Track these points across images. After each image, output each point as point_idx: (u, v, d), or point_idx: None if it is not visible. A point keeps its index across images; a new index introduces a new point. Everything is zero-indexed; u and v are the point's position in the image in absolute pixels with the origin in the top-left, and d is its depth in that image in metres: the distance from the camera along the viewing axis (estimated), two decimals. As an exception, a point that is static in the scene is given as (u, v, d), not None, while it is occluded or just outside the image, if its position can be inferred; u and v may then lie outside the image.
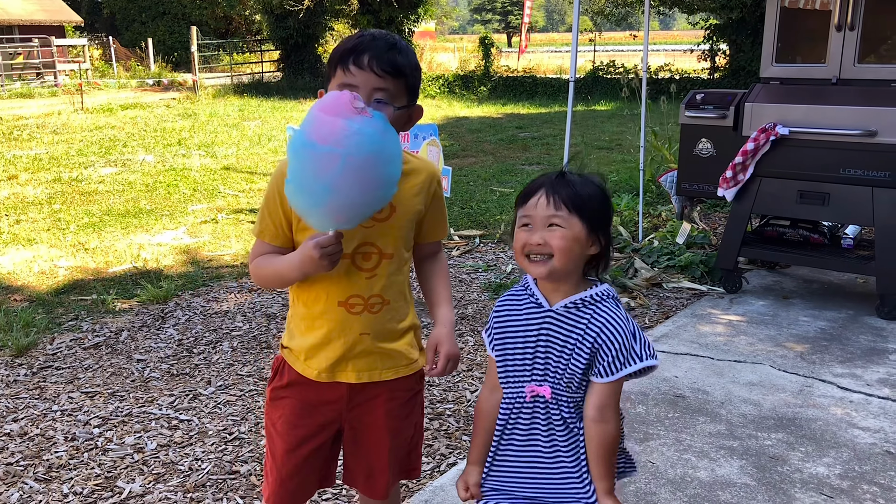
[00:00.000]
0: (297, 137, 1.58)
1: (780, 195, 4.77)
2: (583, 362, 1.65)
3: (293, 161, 1.60)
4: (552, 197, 1.64)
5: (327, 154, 1.53)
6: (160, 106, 18.69)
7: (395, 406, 1.91)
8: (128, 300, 5.02)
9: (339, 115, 1.54)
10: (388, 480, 1.95)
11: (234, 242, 6.43)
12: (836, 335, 4.30)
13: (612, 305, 1.67)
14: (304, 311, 1.85)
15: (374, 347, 1.84)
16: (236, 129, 14.42)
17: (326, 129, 1.54)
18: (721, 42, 20.10)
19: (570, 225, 1.63)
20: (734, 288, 5.02)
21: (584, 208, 1.65)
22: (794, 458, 3.03)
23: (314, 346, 1.83)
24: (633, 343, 1.64)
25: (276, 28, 23.28)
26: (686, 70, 21.20)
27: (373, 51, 1.69)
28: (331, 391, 1.87)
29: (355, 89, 1.67)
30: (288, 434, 1.89)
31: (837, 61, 4.72)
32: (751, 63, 18.74)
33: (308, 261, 1.67)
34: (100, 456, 3.11)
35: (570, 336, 1.66)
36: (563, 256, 1.63)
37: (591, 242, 1.67)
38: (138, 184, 9.01)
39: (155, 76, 25.46)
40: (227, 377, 3.87)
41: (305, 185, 1.58)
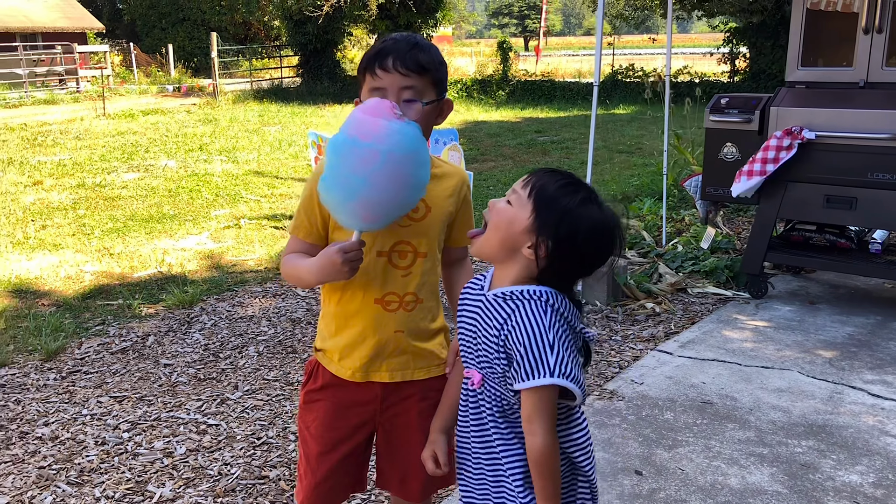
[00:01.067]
0: (337, 136, 1.64)
1: (807, 199, 4.73)
2: (491, 355, 1.56)
3: (332, 157, 1.63)
4: (530, 178, 1.58)
5: (369, 149, 1.58)
6: (181, 111, 18.83)
7: (427, 406, 1.93)
8: (153, 305, 5.06)
9: (382, 117, 1.60)
10: (423, 483, 1.96)
11: (257, 247, 6.46)
12: (864, 341, 4.26)
13: (538, 308, 1.52)
14: (337, 309, 1.87)
15: (407, 346, 1.87)
16: (257, 134, 14.50)
17: (369, 127, 1.60)
18: (741, 45, 19.98)
19: (519, 206, 1.55)
20: (760, 293, 4.99)
21: (543, 205, 1.53)
22: (825, 465, 3.00)
23: (348, 344, 1.85)
24: (545, 354, 1.48)
25: (295, 34, 23.40)
26: (706, 73, 21.11)
27: (396, 52, 1.74)
28: (365, 391, 1.89)
29: (384, 92, 1.73)
30: (322, 436, 1.91)
31: (865, 64, 4.68)
32: (771, 66, 18.63)
33: (329, 265, 1.69)
34: (130, 460, 3.13)
35: (491, 325, 1.57)
36: (491, 232, 1.58)
37: (529, 242, 1.53)
38: (161, 189, 9.07)
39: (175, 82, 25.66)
40: (253, 382, 3.88)
41: (343, 179, 1.62)
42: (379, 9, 22.59)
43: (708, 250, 5.71)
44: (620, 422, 3.37)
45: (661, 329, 4.53)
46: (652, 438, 3.21)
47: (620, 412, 3.46)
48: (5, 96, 21.37)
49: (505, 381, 1.57)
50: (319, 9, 21.37)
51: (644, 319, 4.67)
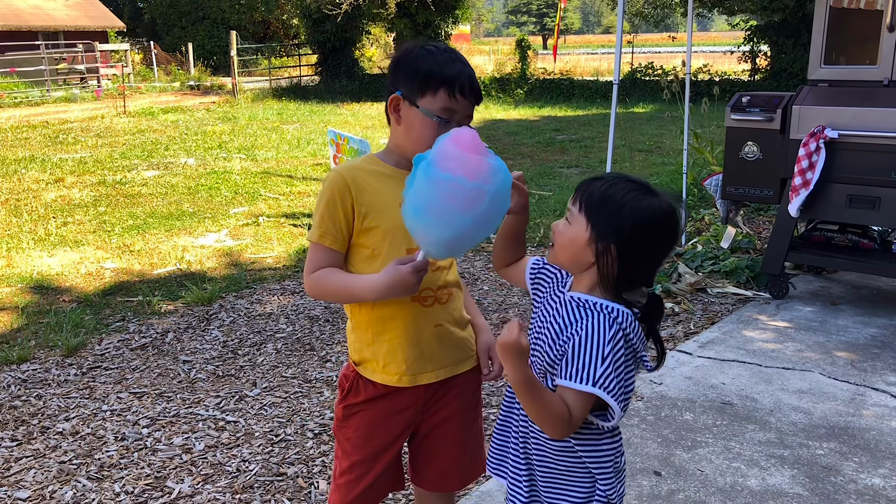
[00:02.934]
0: (434, 171, 1.57)
1: (829, 199, 4.68)
2: (552, 354, 1.58)
3: (431, 194, 1.57)
4: (578, 193, 1.62)
5: (476, 189, 1.55)
6: (200, 109, 18.95)
7: (466, 399, 1.96)
8: (173, 301, 5.08)
9: (481, 154, 1.58)
10: (463, 475, 2.01)
11: (275, 245, 6.48)
12: (887, 343, 4.20)
13: (603, 321, 1.54)
14: (372, 316, 1.84)
15: (448, 338, 1.88)
16: (275, 132, 14.55)
17: (474, 165, 1.56)
18: (762, 44, 19.80)
19: (576, 223, 1.59)
20: (781, 293, 4.94)
21: (595, 215, 1.56)
22: (847, 468, 2.97)
23: (390, 349, 1.84)
24: (595, 363, 1.50)
25: (314, 32, 23.46)
26: (726, 72, 20.94)
27: (469, 80, 1.79)
28: (409, 396, 1.88)
29: (454, 115, 1.78)
30: (365, 446, 1.90)
31: (889, 62, 4.62)
32: (792, 65, 18.45)
33: (401, 284, 1.68)
34: (149, 456, 3.15)
35: (557, 322, 1.61)
36: (559, 251, 1.63)
37: (593, 250, 1.56)
38: (180, 186, 9.13)
39: (195, 80, 25.81)
40: (271, 379, 3.90)
41: (446, 217, 1.58)
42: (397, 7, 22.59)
43: (728, 250, 5.67)
44: (639, 422, 3.34)
45: (680, 329, 4.50)
46: (671, 439, 3.19)
47: (639, 412, 3.43)
48: (28, 94, 21.58)
49: (541, 367, 1.61)
50: (338, 7, 21.42)
51: (663, 319, 4.63)
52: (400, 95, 1.80)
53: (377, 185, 1.82)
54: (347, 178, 1.80)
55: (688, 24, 5.89)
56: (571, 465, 1.65)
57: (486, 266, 5.87)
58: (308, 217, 7.46)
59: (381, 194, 1.81)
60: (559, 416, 1.51)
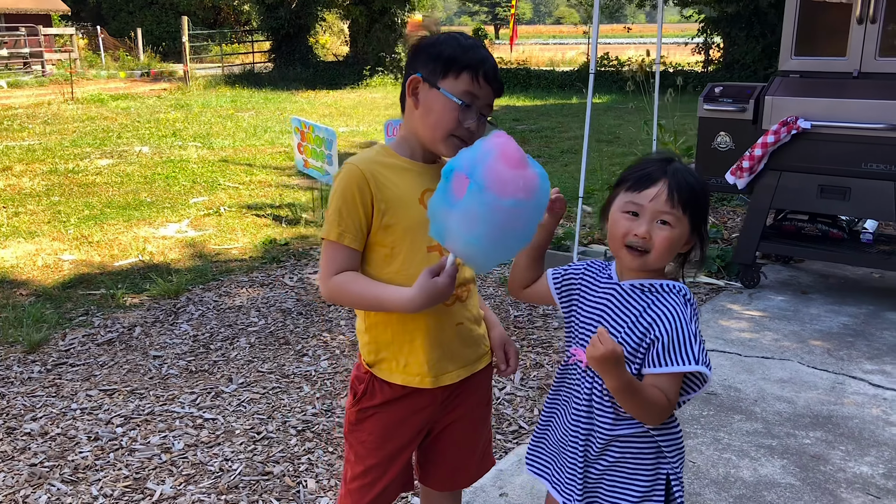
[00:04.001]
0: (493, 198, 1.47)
1: (801, 189, 4.73)
2: (632, 342, 1.59)
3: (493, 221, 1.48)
4: (674, 194, 1.58)
5: (534, 207, 1.53)
6: (151, 97, 18.48)
7: (480, 396, 1.92)
8: (137, 294, 4.92)
9: (528, 165, 1.52)
10: (473, 472, 1.97)
11: (240, 236, 6.33)
12: (860, 331, 4.27)
13: (679, 301, 1.60)
14: (390, 315, 1.75)
15: (468, 336, 1.82)
16: (231, 120, 14.27)
17: (527, 183, 1.50)
18: (715, 35, 20.07)
19: (679, 225, 1.59)
20: (752, 283, 4.99)
21: (695, 208, 1.60)
22: (835, 457, 2.99)
23: (413, 349, 1.76)
24: (690, 342, 1.55)
25: (267, 18, 23.04)
26: (680, 63, 21.19)
27: (493, 67, 1.73)
28: (428, 396, 1.81)
29: (475, 100, 1.70)
30: (380, 450, 1.83)
31: (858, 55, 4.68)
32: (745, 56, 18.75)
33: (437, 294, 1.60)
34: (126, 456, 3.02)
35: (625, 314, 1.63)
36: (661, 255, 1.60)
37: (688, 242, 1.63)
38: (136, 175, 8.87)
39: (144, 66, 25.17)
40: (247, 374, 3.79)
41: (508, 241, 1.54)
42: (353, -6, 22.33)
43: (698, 240, 5.69)
44: (626, 413, 3.33)
45: (656, 319, 4.50)
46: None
47: (625, 404, 3.42)
48: (-32, 79, 20.79)
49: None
50: (292, -7, 21.08)
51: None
52: (420, 77, 1.72)
53: (395, 180, 1.73)
54: (366, 172, 1.70)
55: (658, 15, 5.89)
56: (642, 449, 1.65)
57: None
58: (271, 207, 7.31)
59: (400, 189, 1.72)
60: (660, 404, 1.56)
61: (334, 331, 4.34)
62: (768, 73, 17.79)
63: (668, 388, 1.56)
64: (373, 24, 22.18)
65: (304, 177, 8.54)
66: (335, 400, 3.50)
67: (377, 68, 21.79)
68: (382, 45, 22.04)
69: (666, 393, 1.56)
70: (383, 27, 21.98)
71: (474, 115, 1.71)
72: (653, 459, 1.66)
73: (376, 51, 22.04)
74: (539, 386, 3.62)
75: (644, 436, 1.65)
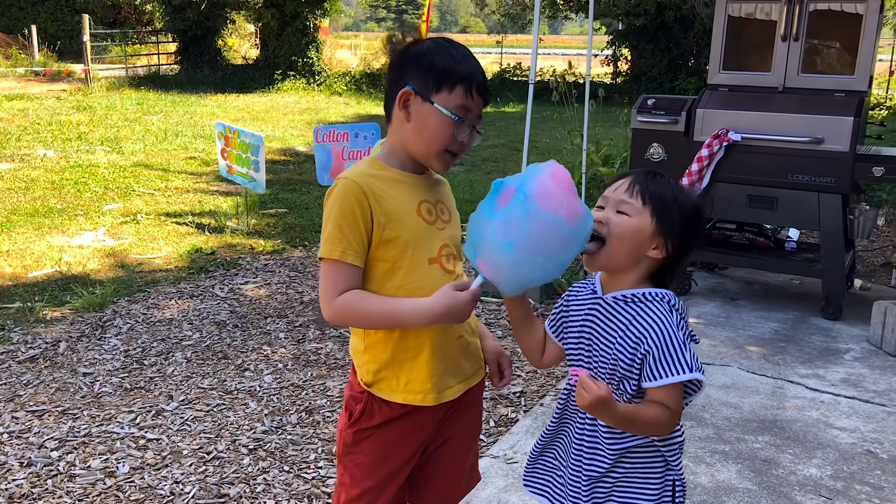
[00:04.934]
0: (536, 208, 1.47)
1: (731, 199, 4.89)
2: (626, 357, 1.59)
3: (530, 231, 1.47)
4: (634, 186, 1.62)
5: (573, 234, 1.51)
6: (50, 97, 17.58)
7: (473, 410, 1.89)
8: (59, 308, 4.64)
9: (575, 195, 1.50)
10: (464, 489, 1.93)
11: (162, 245, 6.07)
12: (790, 336, 4.43)
13: (664, 309, 1.60)
14: (398, 333, 1.69)
15: (466, 348, 1.78)
16: (138, 123, 13.73)
17: (573, 209, 1.49)
18: (623, 48, 20.66)
19: (637, 214, 1.60)
20: (684, 290, 5.12)
21: (660, 207, 1.60)
22: (784, 460, 3.08)
23: (416, 366, 1.70)
24: (681, 350, 1.55)
25: (174, 19, 22.32)
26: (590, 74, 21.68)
27: (483, 78, 1.70)
28: (430, 414, 1.75)
29: (469, 112, 1.68)
30: (377, 471, 1.76)
31: (783, 70, 4.87)
32: (652, 69, 19.36)
33: (457, 312, 1.57)
34: (66, 483, 2.83)
35: (612, 327, 1.62)
36: (617, 244, 1.60)
37: (655, 244, 1.61)
38: (42, 181, 8.41)
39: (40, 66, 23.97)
40: (188, 391, 3.62)
41: (539, 258, 1.50)
42: (263, -3, 21.90)
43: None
44: (581, 423, 3.34)
45: (597, 327, 4.56)
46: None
47: (579, 413, 3.43)
48: None
49: (623, 382, 1.59)
50: (200, -6, 20.51)
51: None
52: (412, 90, 1.67)
53: (391, 192, 1.67)
54: (363, 186, 1.63)
55: (588, 28, 6.00)
56: (651, 461, 1.65)
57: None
58: (194, 215, 7.05)
59: (398, 202, 1.67)
60: (662, 419, 1.56)
61: (274, 344, 4.20)
62: (674, 84, 18.45)
63: (670, 399, 1.57)
64: (284, 28, 21.81)
65: (223, 183, 8.29)
66: (284, 416, 3.38)
67: (289, 72, 21.42)
68: (294, 48, 21.69)
69: (668, 404, 1.57)
70: (295, 31, 21.64)
71: (468, 129, 1.68)
72: (661, 468, 1.67)
73: (288, 55, 21.68)
74: (492, 396, 3.60)
75: (650, 447, 1.65)
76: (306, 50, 21.80)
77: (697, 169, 4.77)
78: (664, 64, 18.90)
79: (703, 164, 4.76)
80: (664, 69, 18.82)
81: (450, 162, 1.71)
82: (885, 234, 6.87)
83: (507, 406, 3.52)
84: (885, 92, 17.13)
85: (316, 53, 22.13)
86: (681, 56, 19.24)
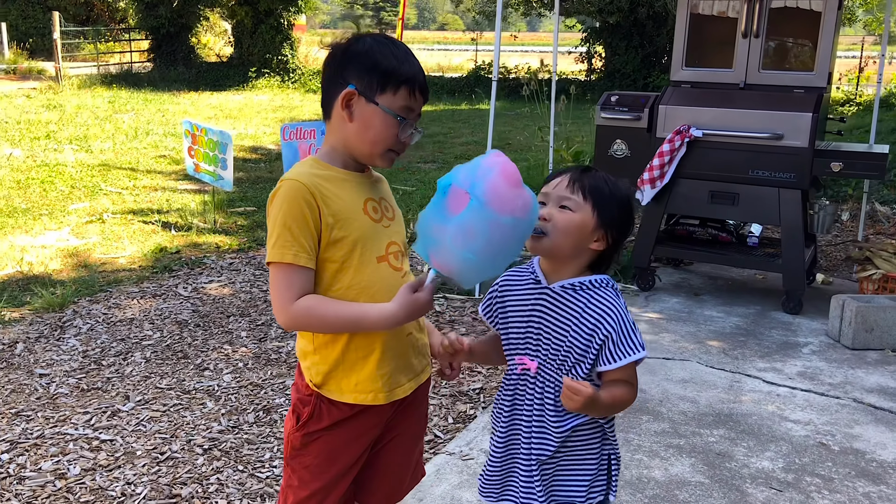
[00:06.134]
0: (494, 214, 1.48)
1: (693, 195, 4.92)
2: (580, 343, 1.65)
3: (491, 237, 1.49)
4: (574, 182, 1.69)
5: (528, 226, 1.56)
6: (19, 96, 17.37)
7: (419, 408, 1.90)
8: (17, 308, 4.59)
9: (523, 186, 1.53)
10: (407, 485, 1.94)
11: (127, 244, 6.02)
12: (750, 330, 4.47)
13: (612, 294, 1.69)
14: (342, 334, 1.69)
15: (416, 346, 1.79)
16: (109, 121, 13.59)
17: (525, 203, 1.52)
18: (597, 45, 20.74)
19: (580, 210, 1.67)
20: (648, 286, 5.15)
21: (602, 202, 1.68)
22: (738, 453, 3.11)
23: (366, 366, 1.70)
24: (633, 332, 1.66)
25: (147, 17, 22.13)
26: (563, 71, 21.74)
27: (424, 77, 1.72)
28: (379, 413, 1.75)
29: (411, 112, 1.70)
30: (326, 472, 1.75)
31: (744, 67, 4.92)
32: (625, 66, 19.46)
33: (416, 309, 1.59)
34: (15, 485, 2.80)
35: (565, 316, 1.69)
36: (561, 237, 1.66)
37: (597, 237, 1.69)
38: (7, 180, 8.30)
39: (10, 64, 23.66)
40: (145, 391, 3.59)
41: (500, 258, 1.54)
42: (237, -6, 21.77)
43: (594, 244, 5.84)
44: (539, 418, 3.35)
45: (560, 323, 4.57)
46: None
47: (537, 409, 3.44)
48: None
49: (576, 366, 1.66)
50: (173, -9, 20.34)
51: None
52: (355, 90, 1.66)
53: (337, 192, 1.66)
54: (310, 186, 1.62)
55: (554, 25, 6.01)
56: (590, 435, 1.74)
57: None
58: (159, 213, 6.99)
59: (344, 201, 1.66)
60: (630, 394, 1.68)
61: (235, 343, 4.18)
62: (647, 81, 18.55)
63: (631, 376, 1.69)
64: (258, 25, 21.68)
65: (193, 181, 8.23)
66: (242, 416, 3.37)
67: (263, 70, 21.31)
68: (269, 46, 21.57)
69: (630, 380, 1.68)
70: (269, 28, 21.52)
71: (410, 129, 1.70)
72: (598, 443, 1.75)
73: (262, 52, 21.56)
74: (451, 393, 3.60)
75: (592, 423, 1.73)
76: (280, 47, 21.71)
77: (658, 164, 4.80)
78: (637, 61, 19.00)
79: (663, 160, 4.79)
80: (637, 66, 18.92)
81: (393, 159, 1.73)
82: (848, 229, 6.95)
83: (466, 403, 3.52)
84: (855, 88, 17.32)
85: (290, 51, 22.04)
86: (654, 53, 19.35)
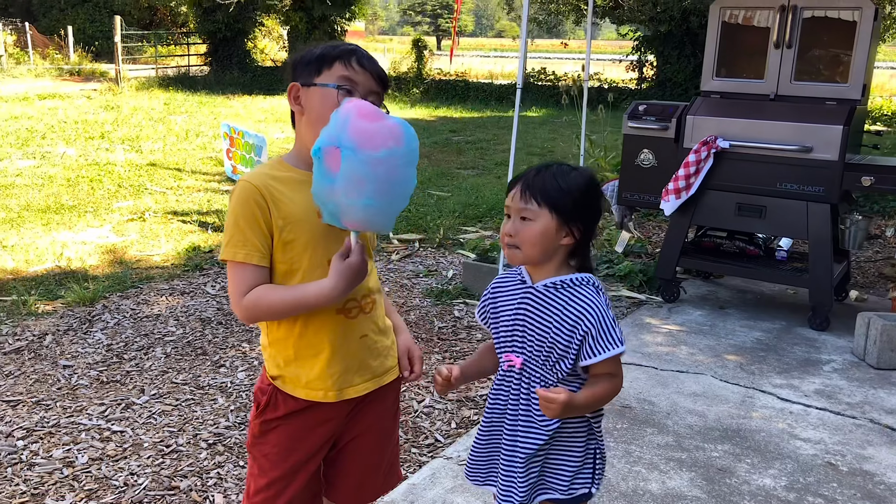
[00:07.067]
0: (367, 153, 1.52)
1: (719, 207, 4.85)
2: (563, 339, 1.70)
3: (377, 176, 1.52)
4: (526, 191, 1.72)
5: (408, 153, 1.57)
6: (80, 97, 17.97)
7: (386, 408, 1.91)
8: (51, 301, 4.76)
9: (385, 117, 1.56)
10: (378, 486, 1.96)
11: (163, 242, 6.18)
12: (772, 346, 4.39)
13: (592, 291, 1.73)
14: (292, 331, 1.75)
15: (373, 348, 1.82)
16: (162, 123, 13.97)
17: (391, 132, 1.54)
18: (648, 54, 20.52)
19: (539, 218, 1.70)
20: (672, 297, 5.09)
21: (556, 202, 1.70)
22: (740, 469, 3.06)
23: (315, 365, 1.75)
24: (613, 327, 1.70)
25: (205, 21, 22.68)
26: (614, 80, 21.58)
27: (370, 58, 1.74)
28: (333, 408, 1.79)
29: (355, 86, 1.69)
30: (283, 462, 1.80)
31: (775, 78, 4.83)
32: (676, 75, 19.20)
33: (355, 275, 1.62)
34: (25, 471, 2.91)
35: (548, 313, 1.73)
36: (529, 248, 1.72)
37: (563, 234, 1.72)
38: (59, 178, 8.61)
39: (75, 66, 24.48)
40: (161, 385, 3.69)
41: (398, 189, 1.57)
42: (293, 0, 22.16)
43: (622, 254, 5.80)
44: (542, 427, 3.35)
45: (578, 332, 4.55)
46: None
47: (541, 417, 3.44)
48: None
49: (559, 363, 1.71)
50: (230, -3, 20.81)
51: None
52: (298, 84, 1.73)
53: (290, 195, 1.70)
54: (261, 188, 1.67)
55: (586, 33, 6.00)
56: (577, 428, 1.79)
57: (386, 266, 5.79)
58: (198, 213, 7.17)
59: (296, 204, 1.70)
60: (614, 386, 1.73)
61: (254, 341, 4.27)
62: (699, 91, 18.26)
63: (613, 368, 1.73)
64: (312, 31, 22.03)
65: (233, 183, 8.41)
66: (250, 412, 3.43)
67: (316, 75, 21.66)
68: (322, 52, 21.91)
69: (612, 372, 1.73)
70: (322, 34, 21.85)
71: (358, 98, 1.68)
72: (584, 437, 1.80)
73: (315, 57, 21.91)
74: (458, 398, 3.62)
75: (579, 418, 1.78)
76: (333, 53, 21.99)
77: (684, 174, 4.75)
78: (689, 70, 18.72)
79: (689, 171, 4.73)
80: (689, 75, 18.64)
81: None
82: (892, 245, 6.76)
83: (472, 409, 3.54)
84: None
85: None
86: (707, 62, 19.02)
